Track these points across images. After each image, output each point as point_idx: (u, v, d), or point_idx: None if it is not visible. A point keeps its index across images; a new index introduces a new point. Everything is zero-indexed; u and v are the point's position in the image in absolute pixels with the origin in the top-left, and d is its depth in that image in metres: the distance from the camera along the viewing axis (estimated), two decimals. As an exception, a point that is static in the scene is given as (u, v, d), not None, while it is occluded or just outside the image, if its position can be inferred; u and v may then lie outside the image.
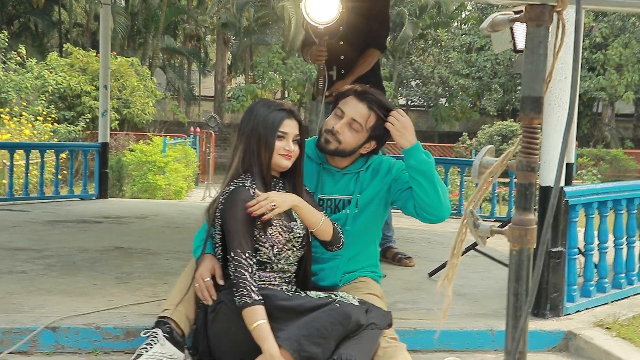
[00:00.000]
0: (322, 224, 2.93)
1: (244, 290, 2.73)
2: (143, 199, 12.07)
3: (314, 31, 4.36)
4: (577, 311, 3.77)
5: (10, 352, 3.06)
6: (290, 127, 2.92)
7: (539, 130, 1.46)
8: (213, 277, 2.94)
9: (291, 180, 3.00)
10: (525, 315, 1.28)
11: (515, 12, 1.56)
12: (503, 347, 3.35)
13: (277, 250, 2.88)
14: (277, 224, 2.90)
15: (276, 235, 2.88)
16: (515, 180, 1.45)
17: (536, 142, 1.46)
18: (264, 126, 2.90)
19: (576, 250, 3.81)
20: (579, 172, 19.62)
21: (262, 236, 2.85)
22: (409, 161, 2.97)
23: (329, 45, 4.54)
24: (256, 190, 2.84)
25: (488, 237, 1.51)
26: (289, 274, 2.98)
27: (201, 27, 32.92)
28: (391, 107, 3.12)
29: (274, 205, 2.79)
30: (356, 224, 3.15)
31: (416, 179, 2.97)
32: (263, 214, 2.79)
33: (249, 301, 2.71)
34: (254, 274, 2.81)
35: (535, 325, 3.52)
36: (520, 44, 4.42)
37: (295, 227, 2.93)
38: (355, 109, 3.09)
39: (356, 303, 2.78)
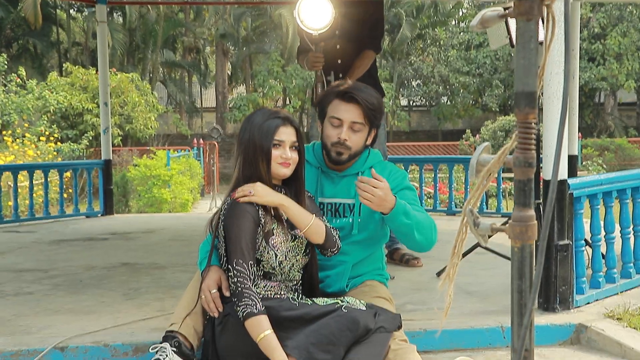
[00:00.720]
0: (311, 225, 2.87)
1: (248, 300, 2.71)
2: (149, 214, 12.07)
3: (308, 38, 4.35)
4: (587, 303, 3.74)
5: (20, 375, 3.06)
6: (286, 134, 2.90)
7: (535, 125, 1.44)
8: (220, 289, 2.93)
9: (292, 187, 2.99)
10: (529, 312, 1.27)
11: (505, 8, 1.54)
12: (514, 343, 3.34)
13: (280, 259, 2.86)
14: (280, 233, 2.88)
15: (279, 244, 2.87)
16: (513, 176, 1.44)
17: (532, 137, 1.44)
18: (259, 135, 2.88)
19: (583, 242, 3.79)
20: (584, 163, 19.59)
21: (265, 245, 2.84)
22: (388, 224, 2.98)
23: (326, 50, 4.53)
24: (239, 189, 2.84)
25: (490, 236, 1.50)
26: (295, 282, 2.96)
27: (200, 39, 33.02)
28: (373, 93, 3.12)
29: (252, 193, 2.80)
30: (361, 230, 3.14)
31: (398, 233, 3.02)
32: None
33: (255, 311, 2.69)
34: (256, 285, 2.80)
35: (545, 319, 3.50)
36: (517, 39, 4.42)
37: (298, 235, 2.92)
38: (349, 112, 3.07)
39: (363, 308, 2.77)
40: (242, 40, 30.78)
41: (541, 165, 3.68)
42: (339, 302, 2.79)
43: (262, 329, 2.68)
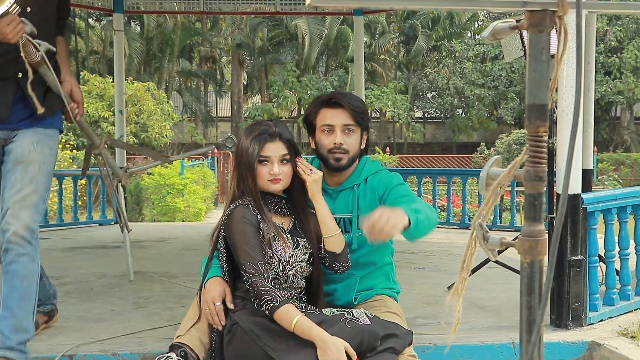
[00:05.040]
0: (337, 234, 2.95)
1: (267, 296, 2.72)
2: (162, 222, 12.09)
3: None
4: (601, 320, 3.69)
5: (28, 382, 3.05)
6: (273, 150, 2.90)
7: (545, 138, 1.42)
8: (225, 302, 2.92)
9: (294, 198, 2.98)
10: (537, 329, 1.24)
11: (517, 20, 1.52)
12: None
13: (283, 265, 2.87)
14: (281, 240, 2.89)
15: (281, 250, 2.87)
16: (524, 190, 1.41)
17: (543, 150, 1.42)
18: (246, 154, 2.90)
19: (597, 258, 3.74)
20: (599, 177, 19.44)
21: (268, 251, 2.85)
22: (411, 236, 2.80)
23: None
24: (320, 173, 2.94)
25: (500, 251, 1.47)
26: (299, 290, 2.96)
27: (216, 48, 33.15)
28: (355, 97, 3.20)
29: (312, 171, 2.91)
30: (361, 244, 3.12)
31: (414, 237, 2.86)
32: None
33: (277, 304, 2.70)
34: (271, 285, 2.79)
35: (557, 336, 3.46)
36: (532, 52, 4.39)
37: (302, 242, 2.93)
38: (338, 116, 3.07)
39: (368, 322, 2.75)
40: (258, 50, 30.90)
41: (555, 179, 3.65)
42: (345, 314, 2.78)
43: (291, 317, 2.68)
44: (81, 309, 4.10)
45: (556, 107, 3.62)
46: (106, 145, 4.82)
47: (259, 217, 2.88)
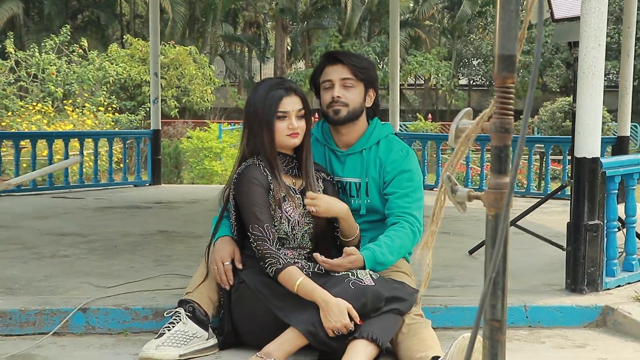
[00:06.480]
0: (355, 238, 3.01)
1: (271, 259, 2.76)
2: (197, 185, 12.21)
3: None
4: (618, 286, 3.63)
5: (42, 333, 3.13)
6: (290, 104, 2.89)
7: (513, 90, 1.39)
8: (233, 261, 2.96)
9: (301, 154, 2.98)
10: (489, 281, 1.22)
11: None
12: (536, 322, 3.28)
13: (292, 225, 2.89)
14: (291, 200, 2.90)
15: (291, 210, 2.89)
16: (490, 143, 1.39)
17: (510, 102, 1.39)
18: (263, 108, 2.89)
19: (616, 223, 3.67)
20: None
21: (278, 212, 2.86)
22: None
23: None
24: (309, 193, 2.91)
25: (466, 203, 1.45)
26: (308, 251, 2.97)
27: (260, 13, 33.06)
28: (359, 55, 3.23)
29: (314, 211, 2.89)
30: (370, 211, 3.15)
31: None
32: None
33: (280, 266, 2.74)
34: (277, 247, 2.81)
35: (571, 300, 3.42)
36: (558, 13, 4.28)
37: None
38: (336, 71, 3.10)
39: (372, 283, 2.75)
40: (301, 15, 30.73)
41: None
42: (349, 275, 2.78)
43: (294, 279, 2.72)
44: (102, 265, 4.18)
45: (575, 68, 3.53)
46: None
47: (269, 177, 2.89)
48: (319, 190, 2.99)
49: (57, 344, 3.06)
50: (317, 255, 2.84)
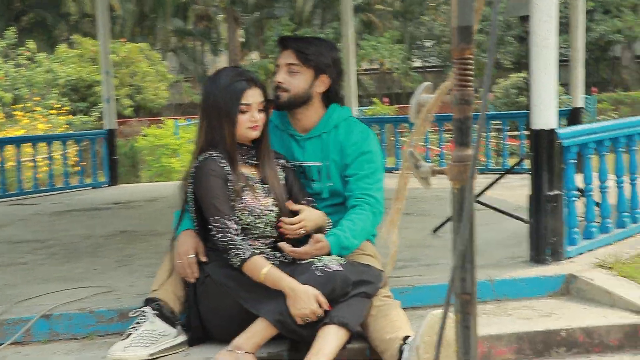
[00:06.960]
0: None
1: (235, 249, 2.73)
2: (156, 183, 12.06)
3: None
4: (580, 254, 3.67)
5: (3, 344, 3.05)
6: (252, 96, 2.86)
7: (472, 62, 1.38)
8: (198, 254, 2.91)
9: (260, 145, 2.95)
10: (460, 255, 1.21)
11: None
12: (503, 295, 3.30)
13: (255, 215, 2.86)
14: (251, 191, 2.86)
15: (251, 200, 2.85)
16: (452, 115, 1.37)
17: (469, 74, 1.38)
18: (224, 100, 2.84)
19: (575, 192, 3.70)
20: (599, 117, 19.30)
21: (238, 202, 2.82)
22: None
23: None
24: (290, 220, 2.90)
25: (430, 178, 1.44)
26: (272, 239, 2.94)
27: (210, 6, 32.74)
28: (311, 39, 3.16)
29: (304, 233, 2.90)
30: (332, 194, 3.13)
31: None
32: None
33: (245, 256, 2.70)
34: (240, 237, 2.77)
35: (535, 271, 3.45)
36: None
37: (271, 191, 2.91)
38: (283, 57, 3.08)
39: (339, 268, 2.73)
40: (252, 5, 30.51)
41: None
42: (315, 261, 2.76)
43: (260, 269, 2.69)
44: (63, 269, 4.10)
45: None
46: None
47: (227, 168, 2.85)
48: (283, 182, 2.96)
49: (20, 353, 2.99)
50: (283, 244, 2.82)
